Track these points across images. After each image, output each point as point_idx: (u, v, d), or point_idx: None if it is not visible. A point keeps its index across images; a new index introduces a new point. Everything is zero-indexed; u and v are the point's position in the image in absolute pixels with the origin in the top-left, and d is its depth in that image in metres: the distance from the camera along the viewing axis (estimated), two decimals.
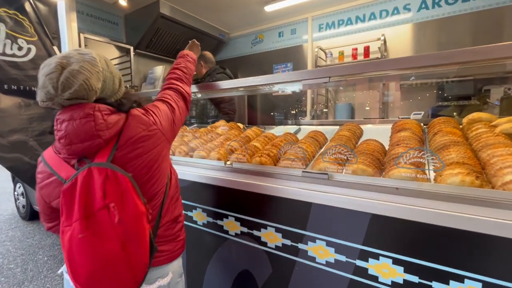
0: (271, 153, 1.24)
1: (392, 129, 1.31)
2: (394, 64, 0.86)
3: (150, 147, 0.83)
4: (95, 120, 0.75)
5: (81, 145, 0.74)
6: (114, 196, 0.72)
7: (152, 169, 0.84)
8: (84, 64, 0.75)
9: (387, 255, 0.86)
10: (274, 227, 1.11)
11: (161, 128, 0.87)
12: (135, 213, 0.73)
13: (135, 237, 0.73)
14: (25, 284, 2.35)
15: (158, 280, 0.86)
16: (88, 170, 0.72)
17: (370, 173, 0.94)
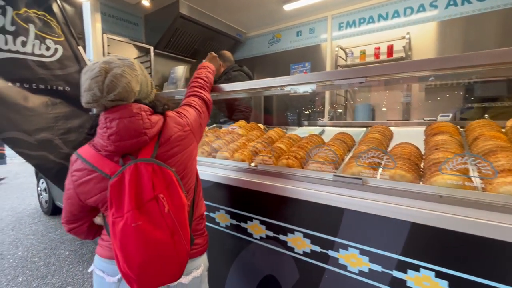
0: (298, 155, 1.20)
1: (427, 132, 1.24)
2: (441, 63, 0.80)
3: (185, 146, 0.92)
4: (142, 119, 0.82)
5: (130, 141, 0.81)
6: (161, 188, 0.78)
7: (187, 166, 0.92)
8: (125, 69, 0.82)
9: (429, 267, 0.81)
10: (302, 232, 1.08)
11: (193, 129, 0.96)
12: (180, 204, 0.80)
13: (180, 227, 0.79)
14: (48, 277, 2.41)
15: (192, 272, 0.92)
16: (135, 166, 0.78)
17: (410, 179, 0.88)
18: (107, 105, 0.80)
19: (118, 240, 0.74)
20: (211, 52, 1.52)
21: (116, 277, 0.86)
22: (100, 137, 0.82)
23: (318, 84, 1.06)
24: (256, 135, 1.65)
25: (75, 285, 2.29)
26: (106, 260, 0.88)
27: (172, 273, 0.79)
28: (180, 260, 0.79)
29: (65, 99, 1.96)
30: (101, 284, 0.89)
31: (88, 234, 0.97)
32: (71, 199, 0.87)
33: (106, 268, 0.88)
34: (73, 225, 0.93)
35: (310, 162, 1.11)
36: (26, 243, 3.03)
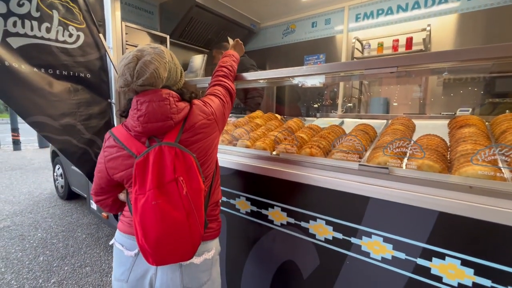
0: (320, 144, 1.21)
1: (451, 125, 1.23)
2: (477, 53, 0.80)
3: (208, 134, 0.95)
4: (170, 104, 0.86)
5: (156, 124, 0.85)
6: (182, 171, 0.82)
7: (207, 153, 0.96)
8: (155, 56, 0.87)
9: (455, 255, 0.82)
10: (324, 220, 1.10)
11: (216, 118, 0.99)
12: (197, 188, 0.84)
13: (196, 209, 0.83)
14: (68, 258, 2.52)
15: (204, 254, 0.95)
16: (159, 148, 0.83)
17: (438, 169, 0.89)
18: (137, 90, 0.86)
19: (139, 215, 0.80)
20: (237, 39, 1.51)
21: (134, 252, 0.92)
22: (131, 118, 0.89)
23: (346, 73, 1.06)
24: (275, 125, 1.67)
25: (94, 266, 2.38)
26: (126, 235, 0.95)
27: (185, 252, 0.84)
28: (193, 240, 0.83)
29: (86, 86, 2.00)
30: (119, 257, 0.96)
31: (112, 207, 1.05)
32: (101, 173, 0.94)
33: (125, 243, 0.94)
34: (100, 197, 1.02)
35: (334, 151, 1.12)
36: (44, 226, 3.15)
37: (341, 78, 1.69)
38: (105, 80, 2.13)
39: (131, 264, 0.93)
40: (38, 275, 2.25)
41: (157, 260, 0.82)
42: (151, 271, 0.91)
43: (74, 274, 2.28)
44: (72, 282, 2.17)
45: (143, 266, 0.91)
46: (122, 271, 0.94)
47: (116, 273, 0.96)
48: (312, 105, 3.71)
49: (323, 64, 1.07)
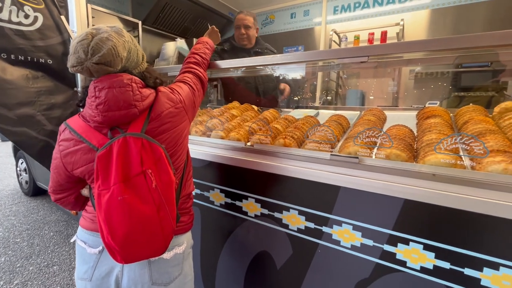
0: (294, 135, 1.21)
1: (419, 116, 1.27)
2: (445, 43, 0.81)
3: (177, 123, 0.90)
4: (132, 91, 0.80)
5: (118, 112, 0.79)
6: (150, 164, 0.78)
7: (177, 144, 0.91)
8: (112, 33, 0.79)
9: (418, 240, 0.86)
10: (297, 210, 1.10)
11: (185, 106, 0.94)
12: (168, 181, 0.80)
13: (167, 203, 0.79)
14: (33, 258, 2.36)
15: (175, 248, 0.92)
16: (124, 139, 0.77)
17: (404, 158, 0.91)
18: (92, 69, 0.76)
19: (103, 212, 0.75)
20: (213, 27, 1.44)
21: (97, 249, 0.87)
22: (88, 107, 0.81)
23: (319, 62, 1.05)
24: (251, 116, 1.64)
25: (62, 265, 2.26)
26: (89, 231, 0.89)
27: (156, 248, 0.80)
28: (165, 235, 0.80)
29: (48, 73, 1.84)
30: (82, 255, 0.90)
31: (75, 205, 0.97)
32: (57, 169, 0.87)
33: (88, 240, 0.89)
34: (60, 195, 0.93)
35: (307, 141, 1.12)
36: (6, 224, 2.93)
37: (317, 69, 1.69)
38: None
39: (95, 262, 0.87)
40: None
41: (126, 257, 0.77)
42: (117, 268, 0.86)
43: (40, 274, 2.15)
44: (38, 283, 2.05)
45: (108, 264, 0.86)
46: (85, 269, 0.88)
47: (79, 272, 0.90)
48: (292, 97, 3.72)
49: (296, 53, 1.05)
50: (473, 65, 2.46)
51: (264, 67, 1.30)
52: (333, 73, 3.25)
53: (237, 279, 1.34)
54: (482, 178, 0.78)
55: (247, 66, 1.38)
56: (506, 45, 0.76)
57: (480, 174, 0.79)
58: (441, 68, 2.81)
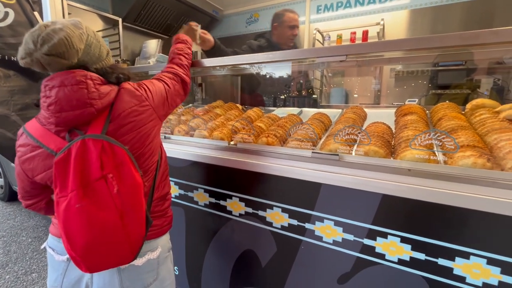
0: (277, 133, 1.21)
1: (397, 113, 1.31)
2: (417, 43, 0.84)
3: (142, 123, 0.83)
4: (87, 88, 0.74)
5: (72, 113, 0.73)
6: (111, 167, 0.72)
7: (144, 145, 0.85)
8: (68, 24, 0.73)
9: (395, 234, 0.89)
10: (280, 207, 1.11)
11: (153, 104, 0.87)
12: (133, 185, 0.75)
13: (133, 208, 0.75)
14: (9, 266, 2.26)
15: (147, 254, 0.87)
16: (82, 142, 0.72)
17: (382, 154, 0.94)
18: (43, 61, 0.69)
19: (62, 221, 0.70)
20: (190, 23, 1.41)
21: (65, 256, 0.84)
22: (42, 108, 0.75)
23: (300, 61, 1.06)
24: (234, 115, 1.64)
25: (41, 272, 2.17)
26: (56, 238, 0.86)
27: (122, 256, 0.75)
28: (131, 243, 0.75)
29: (20, 71, 1.76)
30: (52, 262, 0.88)
31: (48, 210, 0.93)
32: (19, 176, 0.82)
33: (56, 247, 0.86)
34: (30, 202, 0.89)
35: (289, 139, 1.13)
36: None
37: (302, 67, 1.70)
38: None
39: (64, 269, 0.84)
40: None
41: (90, 267, 0.73)
42: (86, 276, 0.83)
43: (18, 282, 2.06)
44: None
45: (76, 271, 0.83)
46: (55, 277, 0.85)
47: (50, 280, 0.87)
48: (279, 96, 3.73)
49: (278, 52, 1.06)
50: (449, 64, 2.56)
51: (249, 66, 1.29)
52: (318, 72, 3.29)
53: (223, 278, 1.34)
54: (453, 172, 0.81)
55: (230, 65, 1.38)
56: (474, 44, 0.79)
57: (452, 168, 0.82)
58: (420, 67, 2.91)
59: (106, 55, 0.85)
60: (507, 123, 0.98)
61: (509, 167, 0.79)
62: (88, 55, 0.78)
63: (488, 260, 0.77)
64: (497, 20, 2.67)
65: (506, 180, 0.75)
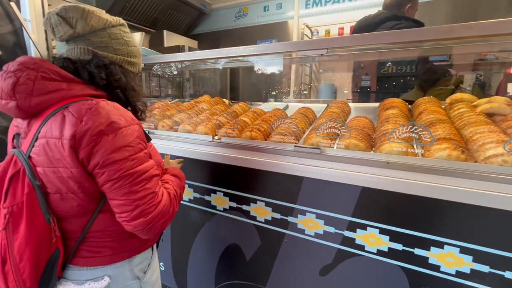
0: (261, 128, 1.21)
1: (380, 107, 1.33)
2: (396, 37, 0.85)
3: (55, 164, 0.69)
4: (19, 78, 0.67)
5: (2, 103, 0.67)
6: (14, 201, 0.62)
7: (68, 186, 0.69)
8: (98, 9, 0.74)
9: (374, 225, 0.90)
10: (264, 201, 1.11)
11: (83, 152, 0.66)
12: (27, 234, 0.62)
13: (21, 257, 0.61)
14: None
15: (88, 283, 0.73)
16: (11, 157, 0.66)
17: (362, 148, 0.95)
18: (52, 22, 0.71)
19: None
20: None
21: None
22: None
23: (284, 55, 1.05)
24: (220, 109, 1.62)
25: None
26: None
27: None
28: None
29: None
30: None
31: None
32: None
33: None
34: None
35: (273, 134, 1.13)
36: None
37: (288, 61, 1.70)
38: None
39: None
40: None
41: None
42: None
43: None
44: None
45: None
46: None
47: None
48: (266, 92, 3.73)
49: (259, 45, 1.05)
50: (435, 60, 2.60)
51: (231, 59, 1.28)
52: (306, 67, 3.30)
53: (209, 272, 1.34)
54: (429, 164, 0.83)
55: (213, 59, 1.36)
56: (450, 38, 0.81)
57: (428, 160, 0.84)
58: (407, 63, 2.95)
59: (128, 56, 0.78)
60: (483, 116, 1.01)
61: (482, 159, 0.81)
62: (99, 37, 0.73)
63: (461, 249, 0.79)
64: (481, 15, 2.73)
65: (479, 171, 0.77)
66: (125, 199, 0.64)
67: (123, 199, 0.65)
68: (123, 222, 0.68)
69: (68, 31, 0.70)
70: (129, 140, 0.66)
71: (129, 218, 0.66)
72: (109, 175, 0.63)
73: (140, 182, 0.66)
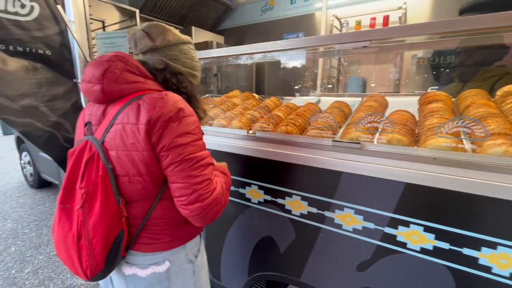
0: (296, 122, 1.21)
1: (421, 101, 1.27)
2: (447, 26, 0.80)
3: (130, 147, 0.79)
4: (110, 65, 0.76)
5: (88, 85, 0.76)
6: (89, 182, 0.70)
7: (138, 169, 0.78)
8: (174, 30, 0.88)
9: (418, 222, 0.88)
10: (299, 196, 1.12)
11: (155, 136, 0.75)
12: (100, 213, 0.69)
13: (94, 234, 0.68)
14: (42, 247, 2.43)
15: (152, 267, 0.80)
16: (85, 143, 0.73)
17: (406, 142, 0.92)
18: (137, 36, 0.83)
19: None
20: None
21: None
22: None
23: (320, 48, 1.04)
24: (252, 104, 1.64)
25: None
26: None
27: (75, 271, 0.70)
28: (83, 266, 0.68)
29: (47, 64, 1.83)
30: None
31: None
32: None
33: None
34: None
35: (309, 128, 1.13)
36: (14, 216, 2.99)
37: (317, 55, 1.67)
38: (68, 58, 1.97)
39: None
40: (10, 266, 2.16)
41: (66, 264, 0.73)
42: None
43: (50, 262, 2.21)
44: (48, 271, 2.11)
45: None
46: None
47: None
48: (293, 86, 3.70)
49: (297, 39, 1.04)
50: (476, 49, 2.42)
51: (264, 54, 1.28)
52: (334, 60, 3.21)
53: (242, 263, 1.38)
54: (482, 160, 0.79)
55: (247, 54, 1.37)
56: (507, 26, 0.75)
57: (481, 156, 0.80)
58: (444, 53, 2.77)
59: (192, 69, 0.89)
60: None
61: None
62: (171, 51, 0.84)
63: None
64: None
65: None
66: (185, 182, 0.70)
67: (183, 182, 0.70)
68: (181, 206, 0.73)
69: (149, 44, 0.81)
70: (191, 128, 0.73)
71: (187, 202, 0.72)
72: (172, 158, 0.69)
73: (198, 167, 0.72)
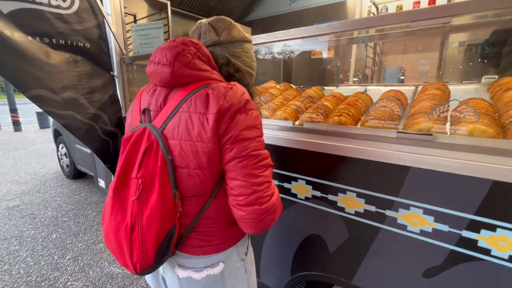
0: (349, 112, 1.11)
1: (494, 89, 1.12)
2: None
3: (199, 137, 0.77)
4: (183, 49, 0.74)
5: (156, 67, 0.73)
6: (147, 172, 0.66)
7: (199, 160, 0.75)
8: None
9: (508, 227, 0.76)
10: (355, 192, 1.03)
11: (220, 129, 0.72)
12: (155, 204, 0.64)
13: (149, 227, 0.64)
14: (80, 235, 2.52)
15: (206, 269, 0.76)
16: (143, 130, 0.70)
17: (492, 134, 0.80)
18: (203, 29, 0.81)
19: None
20: None
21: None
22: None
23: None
24: (292, 95, 1.55)
25: None
26: None
27: (124, 263, 0.68)
28: (133, 260, 0.66)
29: (86, 57, 1.86)
30: None
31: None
32: None
33: None
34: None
35: (367, 118, 1.02)
36: (54, 204, 3.15)
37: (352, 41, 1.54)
38: (105, 50, 1.98)
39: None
40: (52, 252, 2.26)
41: (115, 256, 0.70)
42: (160, 268, 0.83)
43: (88, 250, 2.29)
44: (87, 258, 2.19)
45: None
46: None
47: None
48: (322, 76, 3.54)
49: (356, 19, 0.93)
50: None
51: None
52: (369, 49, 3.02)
53: (285, 262, 1.32)
54: None
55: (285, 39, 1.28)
56: None
57: None
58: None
59: (248, 67, 0.87)
60: None
61: None
62: (231, 44, 0.81)
63: None
64: None
65: None
66: (245, 180, 0.65)
67: (244, 180, 0.65)
68: (237, 206, 0.67)
69: (214, 37, 0.79)
70: (257, 122, 0.70)
71: (244, 203, 0.66)
72: (237, 152, 0.65)
73: (261, 167, 0.67)
